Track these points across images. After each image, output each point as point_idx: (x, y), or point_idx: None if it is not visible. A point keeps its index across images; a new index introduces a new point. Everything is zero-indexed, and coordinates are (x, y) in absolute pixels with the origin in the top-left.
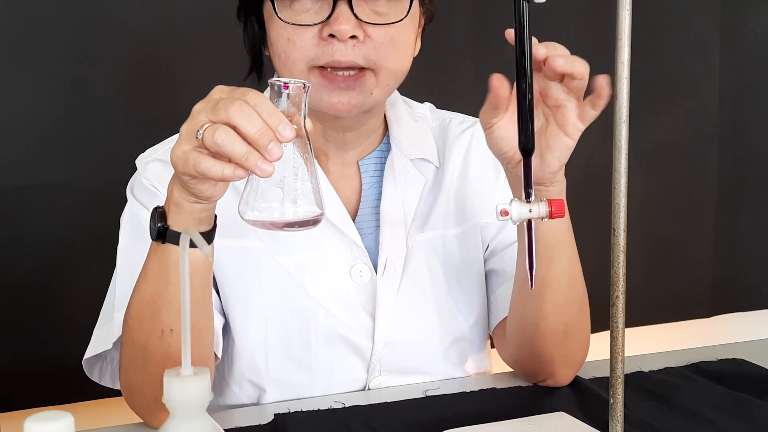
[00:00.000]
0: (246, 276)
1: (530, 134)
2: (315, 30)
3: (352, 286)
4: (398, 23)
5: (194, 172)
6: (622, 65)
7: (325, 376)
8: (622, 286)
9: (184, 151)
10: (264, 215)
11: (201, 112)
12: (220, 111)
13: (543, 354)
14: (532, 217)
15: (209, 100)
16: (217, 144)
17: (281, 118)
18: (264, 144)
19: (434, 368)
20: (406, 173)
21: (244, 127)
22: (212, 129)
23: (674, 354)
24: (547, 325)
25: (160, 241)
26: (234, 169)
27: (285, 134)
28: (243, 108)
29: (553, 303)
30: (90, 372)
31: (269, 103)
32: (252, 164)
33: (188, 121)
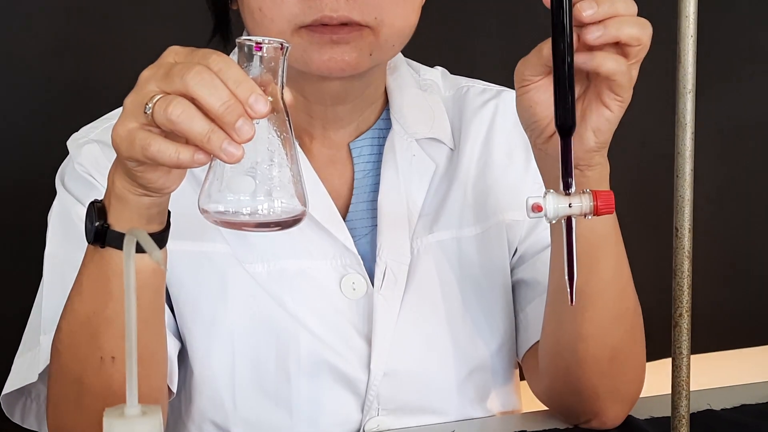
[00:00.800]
0: (208, 289)
1: (570, 107)
2: None
3: (343, 301)
4: None
5: (142, 156)
6: (686, 19)
7: (309, 415)
8: (687, 301)
9: (128, 129)
10: (230, 212)
11: (150, 80)
12: (174, 78)
13: (585, 387)
14: (573, 213)
15: (161, 65)
16: (171, 121)
17: (252, 88)
18: (231, 121)
19: (447, 406)
20: (411, 157)
21: (205, 99)
22: (165, 102)
23: (753, 388)
24: (588, 350)
25: (98, 245)
26: (192, 153)
27: (257, 108)
28: (204, 75)
29: (596, 321)
30: (10, 411)
31: (238, 68)
32: (216, 146)
33: (134, 91)
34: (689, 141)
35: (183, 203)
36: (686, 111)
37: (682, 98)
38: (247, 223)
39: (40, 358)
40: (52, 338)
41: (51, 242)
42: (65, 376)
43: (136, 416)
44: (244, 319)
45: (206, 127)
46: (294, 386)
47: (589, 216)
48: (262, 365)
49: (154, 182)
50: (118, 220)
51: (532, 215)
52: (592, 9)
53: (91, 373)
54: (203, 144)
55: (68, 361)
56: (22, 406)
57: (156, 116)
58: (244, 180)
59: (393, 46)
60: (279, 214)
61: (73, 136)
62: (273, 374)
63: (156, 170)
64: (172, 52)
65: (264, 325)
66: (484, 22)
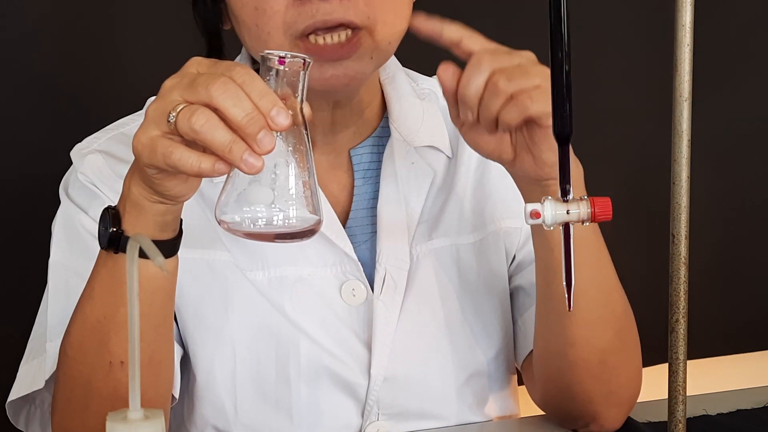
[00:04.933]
0: (210, 296)
1: (568, 116)
2: None
3: (343, 307)
4: None
5: (163, 164)
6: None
7: (309, 420)
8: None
9: (150, 137)
10: (247, 222)
11: (174, 89)
12: (199, 89)
13: (577, 391)
14: (571, 220)
15: (185, 74)
16: (195, 130)
17: (275, 101)
18: (253, 132)
19: (446, 411)
20: (410, 165)
21: (228, 110)
22: (188, 111)
23: (748, 393)
24: (578, 354)
25: (111, 251)
26: (213, 162)
27: (279, 121)
28: (228, 86)
29: (582, 325)
30: (15, 419)
31: (261, 81)
32: (237, 157)
33: (158, 99)
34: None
35: (186, 213)
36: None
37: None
38: (264, 235)
39: (46, 365)
40: (61, 343)
41: (55, 251)
42: (73, 381)
43: (138, 420)
44: (245, 325)
45: (228, 137)
46: (294, 391)
47: (587, 222)
48: (263, 371)
49: (171, 190)
50: (132, 226)
51: (530, 222)
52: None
53: (99, 377)
54: (224, 154)
55: (77, 365)
56: (26, 413)
57: (179, 125)
58: (263, 191)
59: (389, 43)
60: (295, 225)
61: (77, 147)
62: (273, 380)
63: (174, 178)
64: (195, 63)
65: (264, 332)
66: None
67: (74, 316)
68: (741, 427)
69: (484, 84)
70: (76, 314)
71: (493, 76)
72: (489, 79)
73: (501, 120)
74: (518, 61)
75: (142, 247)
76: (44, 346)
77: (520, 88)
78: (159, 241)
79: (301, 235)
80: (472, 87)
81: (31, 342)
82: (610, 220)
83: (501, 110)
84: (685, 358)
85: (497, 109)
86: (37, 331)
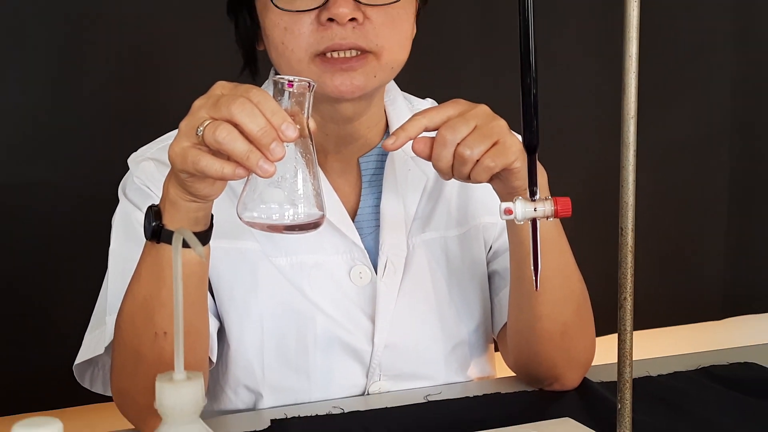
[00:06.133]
0: (241, 278)
1: (535, 130)
2: (312, 16)
3: (351, 288)
4: (396, 3)
5: (193, 169)
6: (630, 59)
7: (323, 381)
8: (630, 287)
9: (182, 147)
10: (263, 217)
11: (202, 108)
12: (222, 107)
13: (543, 357)
14: (537, 216)
15: (210, 96)
16: (218, 141)
17: (284, 117)
18: (266, 143)
19: (436, 373)
20: (407, 171)
21: (246, 125)
22: (213, 126)
23: (684, 358)
24: (543, 326)
25: (154, 241)
26: (234, 168)
27: (288, 134)
28: (246, 105)
29: (548, 302)
30: (81, 378)
31: (273, 101)
32: (253, 163)
33: (188, 117)
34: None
35: (222, 210)
36: (629, 133)
37: (626, 123)
38: (276, 227)
39: (105, 335)
40: (115, 318)
41: (114, 241)
42: (125, 348)
43: (182, 381)
44: (270, 303)
45: (246, 147)
46: (311, 357)
47: (551, 218)
48: (285, 340)
49: (200, 191)
50: (171, 221)
51: (504, 217)
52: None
53: (146, 346)
54: (243, 161)
55: (128, 336)
56: (90, 374)
57: (206, 137)
58: (275, 192)
59: (392, 68)
60: (302, 219)
61: (133, 155)
62: (294, 347)
63: (203, 181)
64: (219, 86)
65: (286, 308)
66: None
67: (125, 296)
68: (677, 385)
69: (452, 156)
70: (126, 294)
71: (457, 149)
72: (455, 152)
73: (472, 179)
74: (474, 123)
75: (186, 239)
76: (104, 319)
77: (481, 152)
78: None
79: (308, 227)
80: (443, 162)
81: (94, 316)
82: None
83: (471, 173)
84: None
85: (467, 173)
86: (98, 307)
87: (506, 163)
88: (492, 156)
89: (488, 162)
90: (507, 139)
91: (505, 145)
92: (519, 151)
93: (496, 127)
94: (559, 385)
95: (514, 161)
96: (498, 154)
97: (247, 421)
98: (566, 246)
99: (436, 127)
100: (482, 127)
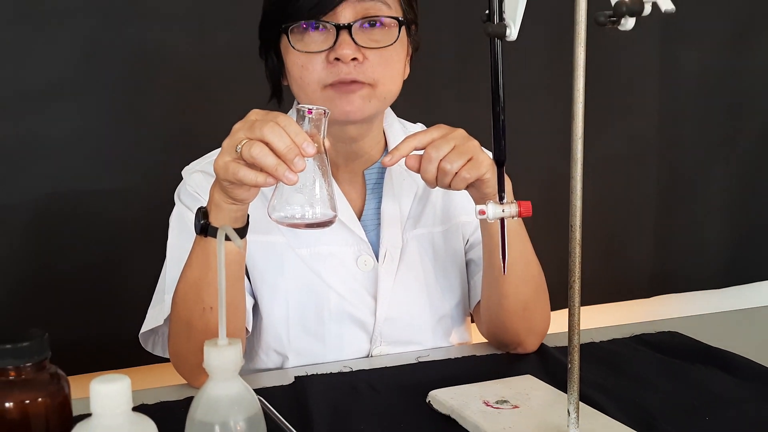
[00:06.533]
0: (272, 265)
1: (503, 148)
2: (323, 56)
3: (358, 272)
4: (390, 47)
5: (233, 179)
6: (577, 92)
7: (336, 346)
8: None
9: (225, 161)
10: (288, 216)
11: (240, 130)
12: (256, 130)
13: (508, 327)
14: (505, 215)
15: (246, 120)
16: (253, 157)
17: (305, 138)
18: (291, 158)
19: (425, 339)
20: (402, 181)
21: (275, 144)
22: (249, 145)
23: (620, 328)
24: (509, 303)
25: (203, 236)
26: (266, 178)
27: (308, 151)
28: (275, 128)
29: (511, 284)
30: (145, 343)
31: (296, 124)
32: (280, 174)
33: (229, 137)
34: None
35: (256, 210)
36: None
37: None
38: (298, 224)
39: (164, 309)
40: (172, 296)
41: (171, 236)
42: (180, 321)
43: (224, 346)
44: (294, 284)
45: (275, 161)
46: (326, 327)
47: (516, 217)
48: (306, 314)
49: (239, 195)
50: (216, 219)
51: (478, 217)
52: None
53: (196, 318)
54: (272, 172)
55: (182, 310)
56: (152, 340)
57: (243, 153)
58: (298, 196)
59: (385, 98)
60: (319, 218)
61: (186, 168)
62: (313, 320)
63: (241, 188)
64: (254, 113)
65: (307, 289)
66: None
67: (180, 278)
68: (614, 349)
69: (436, 170)
70: (181, 277)
71: (440, 164)
72: (438, 166)
73: (453, 187)
74: (453, 143)
75: (227, 234)
76: (163, 298)
77: (459, 166)
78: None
79: (323, 224)
80: (429, 174)
81: (156, 295)
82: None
83: (451, 183)
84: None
85: (449, 182)
86: (159, 288)
87: (479, 174)
88: (467, 169)
89: (464, 174)
90: (479, 156)
91: (477, 160)
92: (489, 165)
93: (471, 147)
94: (522, 349)
95: (485, 173)
96: (472, 168)
97: (276, 378)
98: (526, 238)
99: (423, 147)
100: (460, 147)
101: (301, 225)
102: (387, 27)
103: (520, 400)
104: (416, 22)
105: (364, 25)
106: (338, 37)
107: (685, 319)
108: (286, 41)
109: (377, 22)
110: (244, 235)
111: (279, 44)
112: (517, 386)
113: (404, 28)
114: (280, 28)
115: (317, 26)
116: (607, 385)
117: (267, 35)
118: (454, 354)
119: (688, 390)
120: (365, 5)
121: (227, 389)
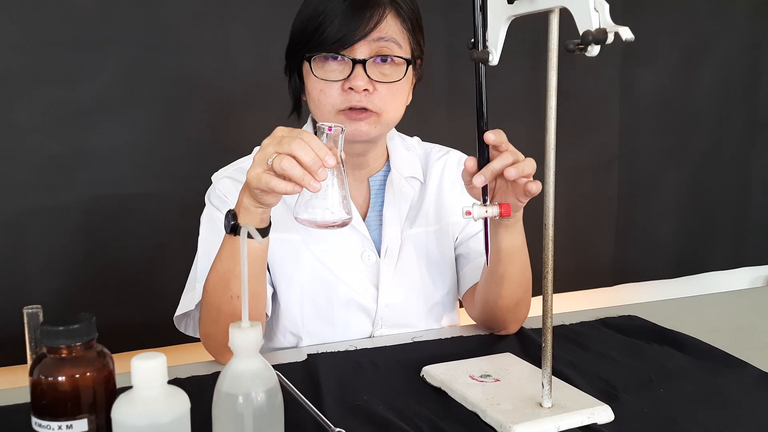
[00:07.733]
0: (289, 259)
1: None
2: (339, 84)
3: (363, 266)
4: (397, 82)
5: (266, 187)
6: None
7: (343, 328)
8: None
9: (257, 173)
10: (311, 218)
11: (270, 145)
12: (284, 145)
13: (499, 318)
14: (488, 215)
15: (274, 137)
16: (283, 169)
17: (327, 151)
18: (315, 169)
19: (419, 323)
20: (401, 187)
21: (301, 158)
22: (279, 158)
23: (587, 312)
24: (504, 302)
25: (231, 234)
26: (293, 186)
27: (329, 163)
28: (301, 144)
29: (510, 288)
30: (178, 325)
31: (318, 140)
32: (306, 183)
33: (260, 151)
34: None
35: (277, 213)
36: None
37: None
38: (321, 225)
39: (196, 296)
40: (203, 285)
41: (202, 233)
42: (210, 306)
43: (247, 328)
44: (308, 276)
45: (301, 172)
46: (336, 312)
47: (497, 217)
48: (318, 301)
49: (266, 201)
50: (243, 220)
51: (465, 217)
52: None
53: (224, 304)
54: (299, 181)
55: (211, 298)
56: (185, 323)
57: (274, 166)
58: (319, 201)
59: (388, 124)
60: (337, 220)
61: (215, 174)
62: (324, 306)
63: (269, 194)
64: (280, 130)
65: (319, 279)
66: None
67: (210, 270)
68: (582, 331)
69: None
70: (210, 269)
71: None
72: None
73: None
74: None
75: (250, 233)
76: (195, 286)
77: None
78: (258, 229)
79: (340, 225)
80: (499, 164)
81: (188, 283)
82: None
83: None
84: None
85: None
86: (191, 277)
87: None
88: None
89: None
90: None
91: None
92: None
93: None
94: (505, 332)
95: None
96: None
97: (292, 355)
98: (526, 253)
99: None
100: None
101: (322, 225)
102: (397, 64)
103: (501, 374)
104: (422, 57)
105: (377, 60)
106: (353, 69)
107: (642, 305)
108: (308, 68)
109: (388, 57)
110: (267, 234)
111: (302, 67)
112: (498, 363)
113: (411, 66)
114: (304, 56)
115: (336, 58)
116: (575, 361)
117: (292, 60)
118: (445, 335)
119: (645, 366)
120: (380, 44)
121: (249, 365)
